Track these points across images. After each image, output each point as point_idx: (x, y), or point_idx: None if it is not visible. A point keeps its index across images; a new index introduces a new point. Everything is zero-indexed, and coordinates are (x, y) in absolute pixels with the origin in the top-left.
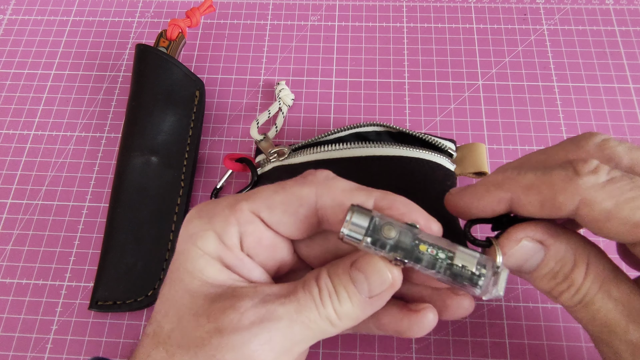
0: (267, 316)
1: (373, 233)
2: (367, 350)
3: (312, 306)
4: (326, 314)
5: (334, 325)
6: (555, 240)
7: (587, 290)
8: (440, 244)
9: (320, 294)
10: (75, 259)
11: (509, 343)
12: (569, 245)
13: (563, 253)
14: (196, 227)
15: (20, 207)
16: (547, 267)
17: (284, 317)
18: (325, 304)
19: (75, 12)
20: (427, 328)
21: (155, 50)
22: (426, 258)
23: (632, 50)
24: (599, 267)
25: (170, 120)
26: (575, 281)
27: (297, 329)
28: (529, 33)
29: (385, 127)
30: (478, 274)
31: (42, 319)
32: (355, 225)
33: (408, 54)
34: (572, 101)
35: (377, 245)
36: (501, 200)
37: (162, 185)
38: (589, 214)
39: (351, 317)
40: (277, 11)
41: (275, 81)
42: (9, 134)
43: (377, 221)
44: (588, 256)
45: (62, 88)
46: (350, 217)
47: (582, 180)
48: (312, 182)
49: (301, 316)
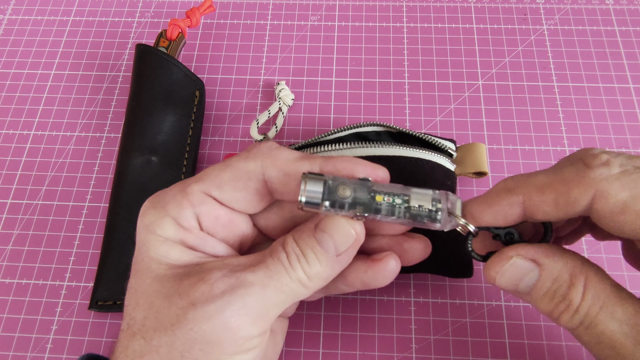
0: (237, 284)
1: (329, 196)
2: (367, 350)
3: (282, 270)
4: (297, 276)
5: (306, 287)
6: (549, 259)
7: (587, 311)
8: (395, 190)
9: (289, 258)
10: (75, 259)
11: (509, 343)
12: (565, 263)
13: (558, 272)
14: (152, 217)
15: (20, 207)
16: (543, 287)
17: (256, 283)
18: (295, 266)
19: (75, 12)
20: (390, 275)
21: (155, 50)
22: (384, 207)
23: (632, 50)
24: (598, 286)
25: (170, 120)
26: (573, 301)
27: (270, 293)
28: (529, 33)
29: (385, 127)
30: (435, 210)
31: (42, 319)
32: (311, 192)
33: (408, 54)
34: (572, 101)
35: (335, 206)
36: (513, 203)
37: (162, 185)
38: (604, 207)
39: (321, 276)
40: (277, 11)
41: (275, 81)
42: (9, 134)
43: (330, 184)
44: (586, 275)
45: (62, 88)
46: (305, 185)
47: (595, 172)
48: (257, 155)
49: (272, 280)
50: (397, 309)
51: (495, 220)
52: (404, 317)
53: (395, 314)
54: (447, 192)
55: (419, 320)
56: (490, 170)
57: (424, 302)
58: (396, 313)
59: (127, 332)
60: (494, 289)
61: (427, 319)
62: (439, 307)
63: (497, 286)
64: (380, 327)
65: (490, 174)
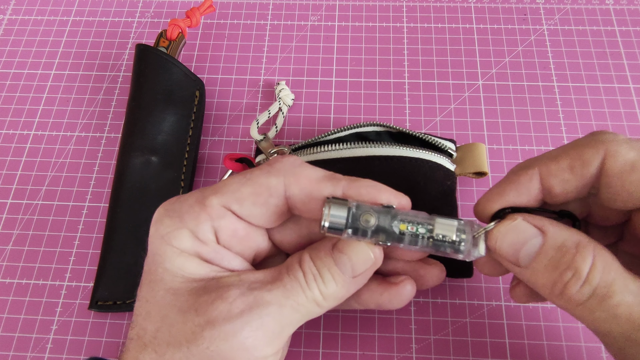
0: (256, 303)
1: (353, 223)
2: (367, 350)
3: (299, 290)
4: (312, 296)
5: (320, 306)
6: (554, 227)
7: (600, 281)
8: (419, 219)
9: (306, 278)
10: (75, 259)
11: (509, 343)
12: (571, 234)
13: (563, 240)
14: (168, 227)
15: (20, 207)
16: (546, 256)
17: (273, 302)
18: (311, 286)
19: (75, 12)
20: (406, 299)
21: (155, 50)
22: (407, 236)
23: (632, 50)
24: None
25: (170, 120)
26: (580, 269)
27: (286, 312)
28: (529, 33)
29: (385, 127)
30: (459, 240)
31: (42, 319)
32: (335, 217)
33: (408, 54)
34: (572, 101)
35: (358, 234)
36: (532, 176)
37: (162, 185)
38: (614, 165)
39: (336, 297)
40: (277, 11)
41: (275, 81)
42: (9, 134)
43: (354, 211)
44: (595, 246)
45: (62, 88)
46: (328, 210)
47: (604, 136)
48: (280, 171)
49: (289, 300)
50: (396, 309)
51: (520, 195)
52: (404, 317)
53: (395, 314)
54: (474, 221)
55: (419, 320)
56: (490, 170)
57: (424, 302)
58: (396, 313)
59: (137, 343)
60: (494, 288)
61: (427, 319)
62: (439, 307)
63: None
64: (380, 327)
65: (490, 174)
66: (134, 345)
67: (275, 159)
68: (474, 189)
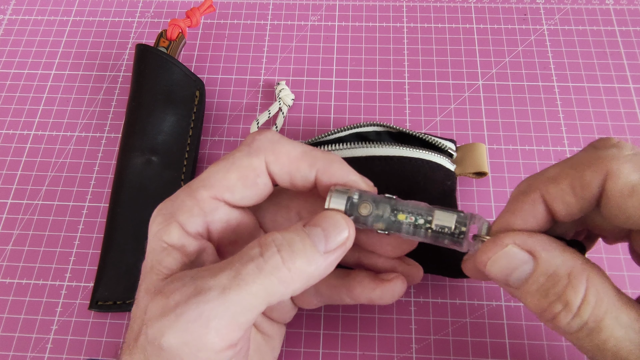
0: (194, 292)
1: (351, 212)
2: (367, 350)
3: (251, 266)
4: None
5: (285, 283)
6: (547, 252)
7: (591, 315)
8: (417, 209)
9: (264, 251)
10: (75, 259)
11: (509, 343)
12: (564, 260)
13: (555, 268)
14: (160, 224)
15: (21, 207)
16: (536, 282)
17: (214, 287)
18: (271, 259)
19: (75, 12)
20: (397, 296)
21: (155, 50)
22: (405, 226)
23: (632, 50)
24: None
25: (170, 120)
26: (571, 302)
27: (233, 297)
28: (529, 33)
29: (385, 127)
30: (458, 232)
31: (42, 319)
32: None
33: (408, 54)
34: (572, 101)
35: (359, 222)
36: (534, 201)
37: (162, 185)
38: (614, 187)
39: (303, 273)
40: (277, 11)
41: (275, 81)
42: (9, 134)
43: (354, 200)
44: (588, 276)
45: (62, 88)
46: (329, 198)
47: (606, 152)
48: (259, 149)
49: (235, 281)
50: (397, 309)
51: (527, 223)
52: (404, 317)
53: (395, 314)
54: (474, 213)
55: (419, 320)
56: (491, 170)
57: (424, 302)
58: (396, 313)
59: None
60: (494, 289)
61: (427, 319)
62: (439, 307)
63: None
64: (380, 327)
65: (490, 174)
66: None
67: (252, 135)
68: (474, 189)
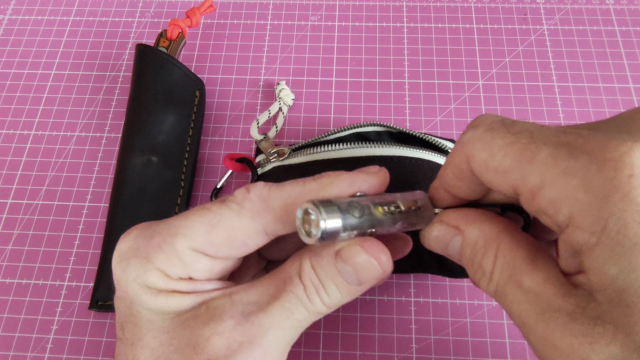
0: (254, 332)
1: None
2: (367, 350)
3: (300, 306)
4: (315, 309)
5: (322, 314)
6: (468, 225)
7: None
8: (384, 199)
9: (307, 291)
10: (75, 259)
11: (509, 343)
12: (481, 230)
13: (475, 239)
14: (137, 269)
15: (21, 207)
16: (465, 254)
17: (273, 326)
18: (313, 300)
19: (76, 12)
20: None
21: (156, 50)
22: (385, 219)
23: (632, 50)
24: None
25: (170, 120)
26: (485, 269)
27: (288, 333)
28: (529, 33)
29: (385, 127)
30: (420, 206)
31: (42, 319)
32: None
33: (408, 54)
34: (572, 101)
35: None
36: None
37: (162, 185)
38: (474, 168)
39: (340, 304)
40: (277, 11)
41: (276, 81)
42: (9, 134)
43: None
44: (499, 242)
45: (62, 88)
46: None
47: (465, 135)
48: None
49: (290, 320)
50: (397, 309)
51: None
52: (404, 317)
53: (395, 314)
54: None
55: (419, 320)
56: None
57: (424, 302)
58: (396, 313)
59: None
60: None
61: (427, 319)
62: (439, 307)
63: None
64: (380, 327)
65: None
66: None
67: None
68: None
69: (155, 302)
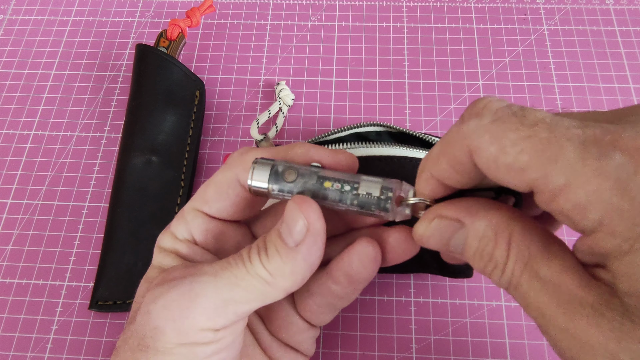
0: (191, 272)
1: (275, 180)
2: (367, 350)
3: (240, 263)
4: (256, 270)
5: (270, 284)
6: (473, 217)
7: (512, 271)
8: (344, 177)
9: (250, 252)
10: (75, 259)
11: (509, 343)
12: (488, 220)
13: (483, 230)
14: (161, 234)
15: (21, 207)
16: (472, 247)
17: (208, 272)
18: (253, 260)
19: (76, 12)
20: (367, 260)
21: (156, 50)
22: (331, 193)
23: (632, 50)
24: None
25: (170, 120)
26: (498, 261)
27: (222, 284)
28: (529, 33)
29: (385, 127)
30: (384, 198)
31: (42, 319)
32: (259, 175)
33: (408, 54)
34: (572, 101)
35: (284, 191)
36: (427, 180)
37: (162, 185)
38: (479, 162)
39: (283, 271)
40: (277, 11)
41: (276, 81)
42: (9, 134)
43: (278, 169)
44: (511, 231)
45: (62, 88)
46: (252, 170)
47: (467, 126)
48: (230, 164)
49: (226, 272)
50: (397, 309)
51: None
52: (404, 317)
53: (395, 314)
54: (402, 181)
55: (419, 320)
56: None
57: (424, 302)
58: (396, 313)
59: None
60: (494, 289)
61: (427, 319)
62: (439, 307)
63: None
64: (380, 327)
65: None
66: None
67: (230, 156)
68: None
69: (157, 259)
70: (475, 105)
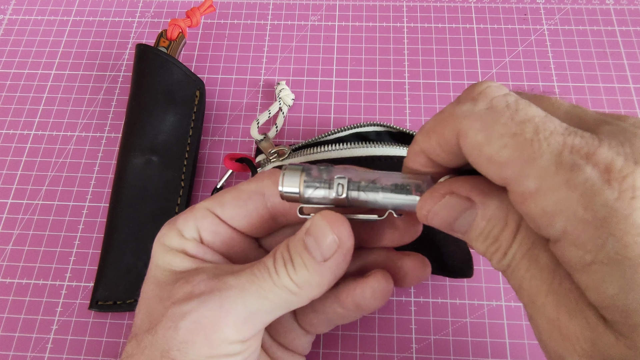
0: (217, 286)
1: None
2: (367, 350)
3: (266, 275)
4: (282, 282)
5: (296, 294)
6: (485, 197)
7: (514, 255)
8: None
9: (275, 264)
10: (75, 259)
11: (509, 343)
12: (500, 201)
13: (493, 211)
14: (163, 230)
15: (21, 207)
16: (478, 227)
17: (235, 286)
18: (280, 272)
19: (76, 12)
20: (380, 294)
21: (156, 50)
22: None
23: (632, 50)
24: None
25: (170, 120)
26: (502, 244)
27: (250, 297)
28: (529, 33)
29: (385, 127)
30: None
31: (42, 319)
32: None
33: (408, 54)
34: (572, 101)
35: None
36: (417, 153)
37: (162, 185)
38: (464, 146)
39: (310, 283)
40: (277, 11)
41: (276, 81)
42: (9, 134)
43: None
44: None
45: (62, 88)
46: (283, 176)
47: (460, 109)
48: (259, 177)
49: (253, 285)
50: (397, 309)
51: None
52: (404, 317)
53: (395, 314)
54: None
55: (419, 320)
56: None
57: (424, 302)
58: (396, 313)
59: (130, 337)
60: (494, 289)
61: (427, 319)
62: (439, 307)
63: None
64: (380, 327)
65: None
66: (128, 340)
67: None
68: None
69: (163, 259)
70: (474, 88)
